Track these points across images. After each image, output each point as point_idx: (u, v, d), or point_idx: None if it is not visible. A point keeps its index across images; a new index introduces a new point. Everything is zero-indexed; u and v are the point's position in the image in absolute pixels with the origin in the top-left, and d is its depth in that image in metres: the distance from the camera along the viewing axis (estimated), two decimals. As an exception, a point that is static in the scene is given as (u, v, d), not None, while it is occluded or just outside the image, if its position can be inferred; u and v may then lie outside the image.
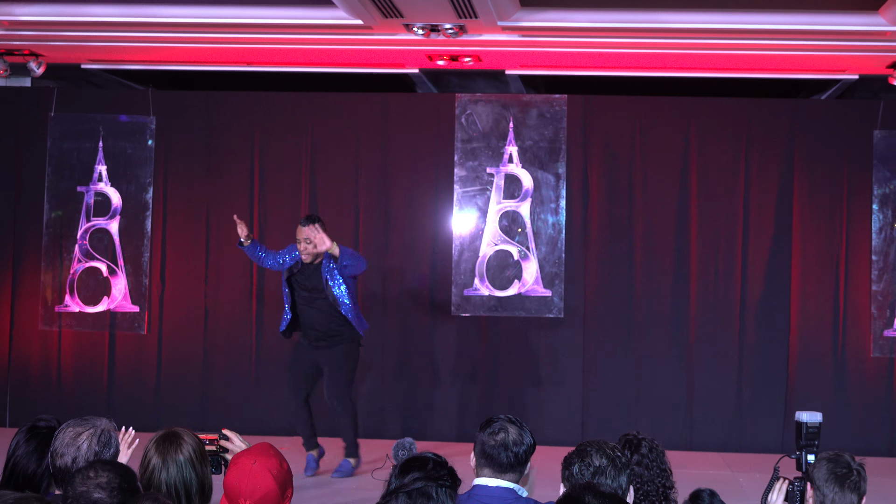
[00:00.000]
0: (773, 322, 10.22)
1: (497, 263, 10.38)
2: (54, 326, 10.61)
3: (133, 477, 3.71)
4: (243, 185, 10.60)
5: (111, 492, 3.58)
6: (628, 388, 10.29)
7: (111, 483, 3.59)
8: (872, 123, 10.16)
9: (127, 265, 10.57)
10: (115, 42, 9.50)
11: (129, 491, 3.63)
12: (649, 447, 4.46)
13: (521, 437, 4.25)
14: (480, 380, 10.39)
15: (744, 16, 8.47)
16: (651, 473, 4.41)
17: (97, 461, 3.81)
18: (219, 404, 10.41)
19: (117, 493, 3.59)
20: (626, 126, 10.41)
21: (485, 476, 4.22)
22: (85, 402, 10.22)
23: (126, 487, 3.62)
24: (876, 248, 10.11)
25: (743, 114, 10.35)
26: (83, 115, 10.67)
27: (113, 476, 3.62)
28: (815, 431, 4.82)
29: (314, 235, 8.31)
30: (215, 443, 4.46)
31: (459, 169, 10.41)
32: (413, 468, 3.72)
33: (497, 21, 8.40)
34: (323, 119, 10.61)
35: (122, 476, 3.65)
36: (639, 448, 4.45)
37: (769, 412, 10.15)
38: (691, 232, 10.30)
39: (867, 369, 10.14)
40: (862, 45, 8.84)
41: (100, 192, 10.63)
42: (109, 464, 3.73)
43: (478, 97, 10.51)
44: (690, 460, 9.38)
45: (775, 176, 10.28)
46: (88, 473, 3.62)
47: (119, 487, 3.60)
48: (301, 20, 8.71)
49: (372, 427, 10.21)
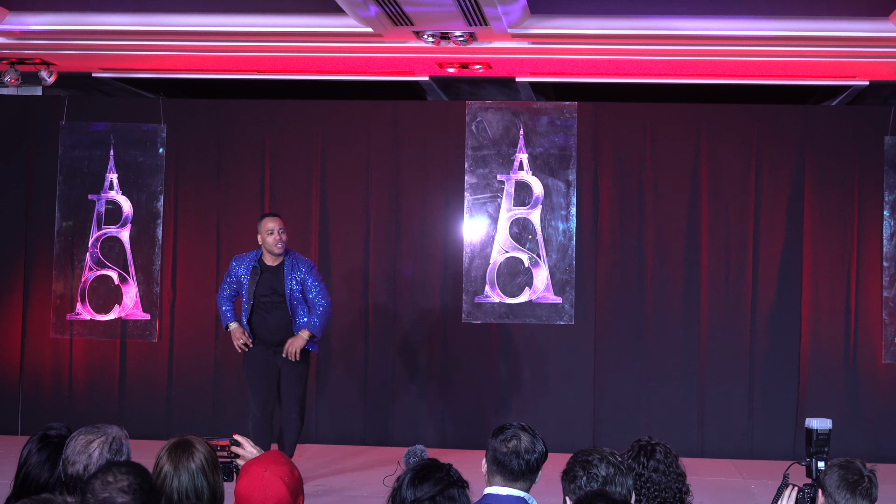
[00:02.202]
0: (785, 328, 10.20)
1: (508, 271, 10.38)
2: (66, 334, 10.63)
3: (148, 475, 3.71)
4: (254, 193, 10.61)
5: (133, 494, 3.57)
6: (639, 395, 10.28)
7: (132, 486, 3.59)
8: (883, 129, 10.15)
9: (138, 273, 10.59)
10: (125, 50, 9.52)
11: (149, 491, 3.63)
12: (664, 452, 4.43)
13: (533, 444, 4.24)
14: (491, 387, 10.38)
15: (754, 22, 8.46)
16: (668, 479, 4.38)
17: (111, 463, 3.79)
18: (230, 412, 10.40)
19: (139, 494, 3.58)
20: (637, 133, 10.40)
21: (496, 484, 4.22)
22: (96, 410, 10.23)
23: (147, 488, 3.62)
24: (887, 255, 10.09)
25: (753, 120, 10.34)
26: (94, 124, 10.70)
27: (133, 478, 3.61)
28: (825, 438, 4.81)
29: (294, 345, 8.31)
30: (226, 448, 4.46)
31: (470, 176, 10.42)
32: (427, 478, 3.74)
33: (507, 28, 8.41)
34: (333, 127, 10.62)
35: (141, 476, 3.64)
36: (654, 454, 4.41)
37: (780, 419, 10.13)
38: (702, 238, 10.29)
39: (879, 376, 10.12)
40: (872, 51, 8.83)
41: (111, 201, 10.65)
42: (125, 465, 3.71)
43: (488, 104, 10.51)
44: (702, 467, 9.37)
45: (786, 182, 10.26)
46: (107, 478, 3.60)
47: (140, 488, 3.59)
48: (311, 28, 8.72)
49: (382, 434, 10.22)
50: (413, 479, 3.77)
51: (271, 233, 8.38)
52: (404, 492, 3.76)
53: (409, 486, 3.76)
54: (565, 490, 4.07)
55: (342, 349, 10.42)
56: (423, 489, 3.73)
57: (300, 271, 8.41)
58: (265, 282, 8.43)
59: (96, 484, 3.60)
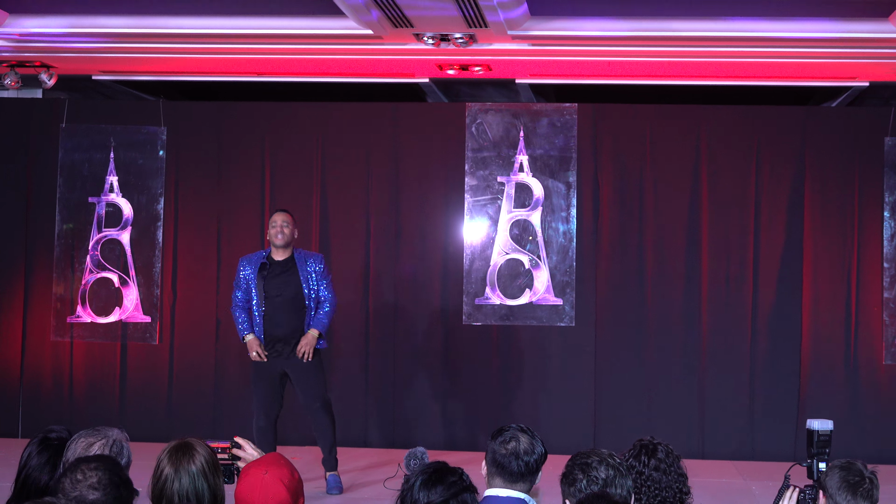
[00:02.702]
0: (785, 330, 10.19)
1: (508, 272, 10.38)
2: (66, 337, 10.63)
3: (119, 468, 3.69)
4: (254, 195, 10.61)
5: (104, 489, 3.56)
6: (640, 397, 10.27)
7: (102, 480, 3.57)
8: (883, 130, 10.14)
9: (138, 276, 10.59)
10: (126, 53, 9.52)
11: (122, 484, 3.62)
12: (666, 452, 4.44)
13: (532, 446, 4.24)
14: (492, 389, 10.38)
15: (753, 23, 8.47)
16: (669, 479, 4.38)
17: (80, 460, 3.75)
18: (230, 414, 10.40)
19: (111, 488, 3.57)
20: (637, 134, 10.40)
21: (496, 486, 4.21)
22: (97, 413, 10.23)
23: (118, 481, 3.61)
24: (888, 256, 10.09)
25: (753, 121, 10.34)
26: (94, 127, 10.70)
27: (102, 473, 3.59)
28: (826, 439, 4.81)
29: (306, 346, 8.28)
30: (227, 451, 4.45)
31: (470, 178, 10.42)
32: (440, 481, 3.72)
33: (507, 30, 8.41)
34: (333, 129, 10.62)
35: (111, 470, 3.62)
36: (655, 453, 4.42)
37: (781, 420, 10.12)
38: (702, 240, 10.28)
39: (879, 377, 10.11)
40: (872, 52, 8.83)
41: (111, 203, 10.65)
42: (94, 461, 3.69)
43: (488, 106, 10.51)
44: (702, 469, 9.36)
45: (786, 183, 10.26)
46: (76, 476, 3.59)
47: (111, 483, 3.58)
48: (311, 30, 8.73)
49: (383, 436, 10.22)
50: (426, 481, 3.76)
51: (273, 225, 8.45)
52: (416, 494, 3.74)
53: (422, 489, 3.74)
54: (565, 493, 4.06)
55: (343, 351, 10.41)
56: (436, 492, 3.71)
57: (312, 262, 8.44)
58: (274, 278, 8.41)
59: (66, 483, 3.59)
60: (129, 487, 3.67)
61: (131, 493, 3.69)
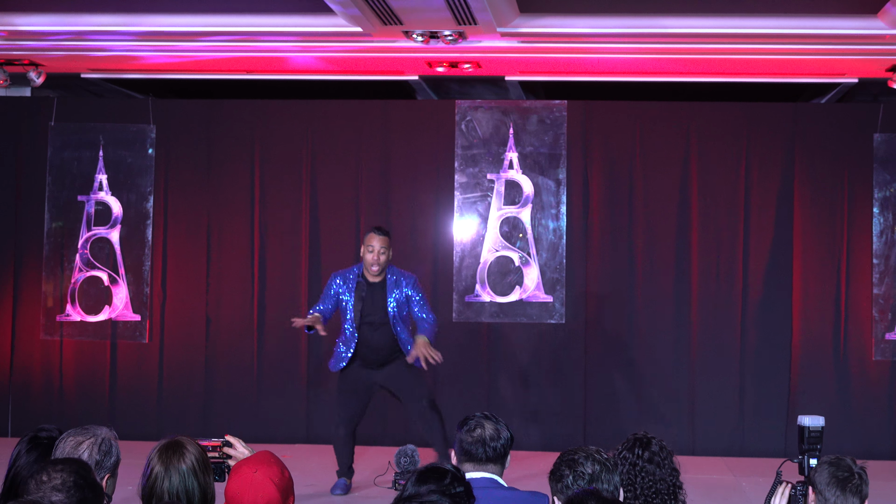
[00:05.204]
0: (775, 326, 10.21)
1: (498, 269, 10.38)
2: (55, 336, 10.61)
3: (88, 470, 3.68)
4: (244, 193, 10.60)
5: (68, 492, 3.55)
6: (630, 393, 10.29)
7: (66, 483, 3.57)
8: (872, 127, 10.16)
9: (128, 274, 10.57)
10: (114, 51, 9.50)
11: (87, 486, 3.61)
12: (660, 446, 4.48)
13: (497, 432, 4.41)
14: (482, 386, 10.38)
15: (743, 20, 8.47)
16: (662, 472, 4.41)
17: (48, 462, 3.76)
18: (221, 413, 10.39)
19: (75, 491, 3.56)
20: (627, 131, 10.41)
21: (467, 471, 4.33)
22: (87, 412, 10.22)
23: (83, 483, 3.60)
24: (877, 252, 10.11)
25: (743, 118, 10.35)
26: (83, 125, 10.68)
27: (67, 475, 3.59)
28: (817, 435, 4.82)
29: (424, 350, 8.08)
30: (218, 449, 4.44)
31: (460, 175, 10.42)
32: (431, 479, 3.70)
33: (496, 27, 8.40)
34: (323, 127, 10.61)
35: (77, 473, 3.62)
36: (649, 446, 4.45)
37: (772, 416, 10.14)
38: (692, 236, 10.30)
39: (869, 373, 10.13)
40: (861, 48, 8.84)
41: (100, 202, 10.63)
42: (61, 462, 3.69)
43: (478, 103, 10.51)
44: (693, 465, 9.35)
45: (776, 180, 10.27)
46: (41, 478, 3.58)
47: (75, 485, 3.57)
48: (300, 28, 8.71)
49: (373, 434, 10.20)
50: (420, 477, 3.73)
51: (371, 251, 8.13)
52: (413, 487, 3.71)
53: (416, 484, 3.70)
54: (553, 490, 4.07)
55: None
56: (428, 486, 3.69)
57: (403, 287, 8.21)
58: (369, 300, 8.18)
59: (31, 484, 3.59)
60: (95, 490, 3.65)
61: (99, 496, 3.68)
